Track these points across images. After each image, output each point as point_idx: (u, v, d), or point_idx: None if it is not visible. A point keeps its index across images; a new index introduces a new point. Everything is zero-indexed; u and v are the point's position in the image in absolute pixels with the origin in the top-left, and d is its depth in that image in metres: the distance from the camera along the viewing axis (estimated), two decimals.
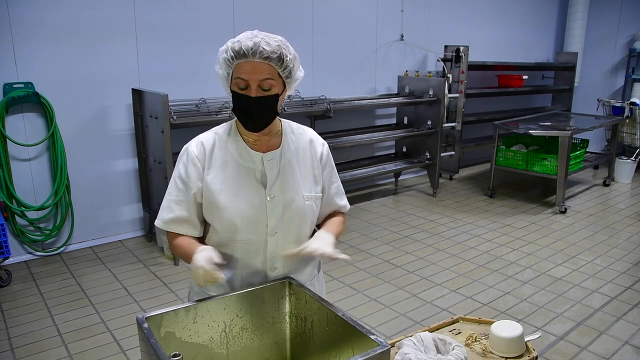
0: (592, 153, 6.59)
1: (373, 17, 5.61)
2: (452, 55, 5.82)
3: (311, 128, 1.64)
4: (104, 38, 3.90)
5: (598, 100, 6.98)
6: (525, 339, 1.53)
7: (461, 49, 5.77)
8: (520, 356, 1.49)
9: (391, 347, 1.23)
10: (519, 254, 4.12)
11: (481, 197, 5.66)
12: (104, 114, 4.03)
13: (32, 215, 3.82)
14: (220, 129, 1.52)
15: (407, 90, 5.67)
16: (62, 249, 4.00)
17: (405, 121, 5.78)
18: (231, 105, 1.43)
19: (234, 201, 1.44)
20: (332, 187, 1.61)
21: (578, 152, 5.68)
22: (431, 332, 1.50)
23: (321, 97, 4.73)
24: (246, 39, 1.35)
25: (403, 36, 5.89)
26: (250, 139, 1.48)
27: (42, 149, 3.81)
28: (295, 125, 1.59)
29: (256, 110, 1.39)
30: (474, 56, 6.16)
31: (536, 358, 1.51)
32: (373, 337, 1.17)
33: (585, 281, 3.65)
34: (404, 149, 5.85)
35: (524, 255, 4.11)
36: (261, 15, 4.68)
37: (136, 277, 3.60)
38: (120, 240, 4.24)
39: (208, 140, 1.49)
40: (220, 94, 3.97)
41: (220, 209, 1.44)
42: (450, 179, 6.43)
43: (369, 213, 5.08)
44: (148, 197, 4.20)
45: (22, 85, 3.60)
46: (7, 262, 3.68)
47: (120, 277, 3.59)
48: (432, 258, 4.03)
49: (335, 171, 1.63)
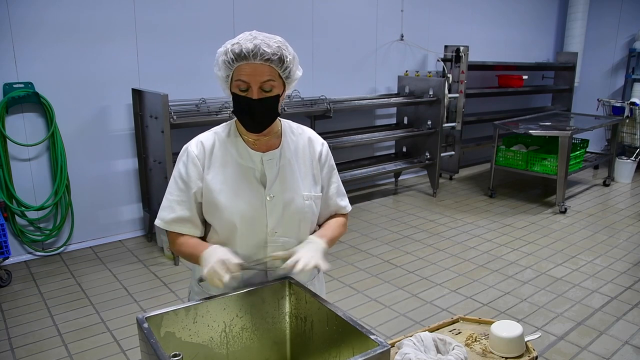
0: (592, 153, 6.59)
1: (373, 17, 5.61)
2: (452, 55, 5.82)
3: (311, 128, 1.63)
4: (104, 38, 3.90)
5: (598, 100, 6.98)
6: (525, 339, 1.53)
7: (461, 49, 5.77)
8: (520, 356, 1.49)
9: (391, 347, 1.23)
10: (519, 254, 4.12)
11: (481, 197, 5.66)
12: (104, 114, 4.03)
13: (32, 215, 3.83)
14: (220, 129, 1.52)
15: (407, 90, 5.67)
16: (62, 249, 4.00)
17: (405, 121, 5.78)
18: (231, 105, 1.43)
19: (233, 201, 1.44)
20: (332, 187, 1.61)
21: (578, 152, 5.68)
22: (431, 332, 1.50)
23: (321, 97, 4.73)
24: (246, 41, 1.34)
25: (403, 36, 5.89)
26: (250, 139, 1.48)
27: (42, 149, 3.81)
28: (295, 125, 1.59)
29: (258, 111, 1.39)
30: (474, 56, 6.16)
31: (536, 358, 1.50)
32: (373, 337, 1.17)
33: (585, 281, 3.65)
34: (404, 149, 5.85)
35: (524, 255, 4.11)
36: (261, 15, 4.68)
37: (136, 277, 3.60)
38: (120, 240, 4.24)
39: (208, 140, 1.49)
40: (220, 94, 3.97)
41: (220, 209, 1.44)
42: (450, 179, 6.43)
43: (369, 213, 5.08)
44: (148, 197, 4.20)
45: (22, 85, 3.60)
46: (7, 262, 3.68)
47: (120, 277, 3.59)
48: (432, 258, 4.03)
49: (336, 171, 1.63)
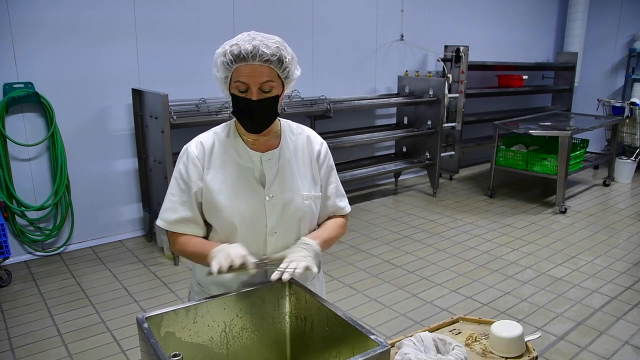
0: (592, 153, 6.59)
1: (373, 17, 5.61)
2: (452, 55, 5.82)
3: (311, 128, 1.63)
4: (104, 38, 3.90)
5: (598, 100, 6.98)
6: (525, 339, 1.53)
7: (461, 49, 5.77)
8: (520, 356, 1.49)
9: (391, 347, 1.23)
10: (519, 254, 4.12)
11: (481, 197, 5.66)
12: (104, 114, 4.03)
13: (32, 215, 3.82)
14: (219, 129, 1.52)
15: (407, 90, 5.67)
16: (62, 249, 4.00)
17: (405, 121, 5.78)
18: (231, 105, 1.43)
19: (232, 201, 1.44)
20: (330, 187, 1.60)
21: (578, 152, 5.68)
22: (431, 332, 1.50)
23: (321, 97, 4.73)
24: (244, 42, 1.34)
25: (403, 36, 5.89)
26: (250, 139, 1.48)
27: (42, 149, 3.81)
28: (294, 125, 1.58)
29: (258, 112, 1.39)
30: (474, 56, 6.16)
31: (536, 358, 1.50)
32: (373, 337, 1.17)
33: (585, 281, 3.65)
34: (404, 149, 5.85)
35: (524, 255, 4.11)
36: (261, 15, 4.68)
37: (136, 277, 3.60)
38: (120, 240, 4.24)
39: (207, 140, 1.49)
40: (220, 94, 3.92)
41: (220, 209, 1.44)
42: (450, 179, 6.43)
43: (369, 213, 5.08)
44: (148, 197, 4.20)
45: (22, 85, 3.60)
46: (7, 262, 3.68)
47: (120, 277, 3.59)
48: (432, 258, 4.03)
49: (335, 172, 1.62)
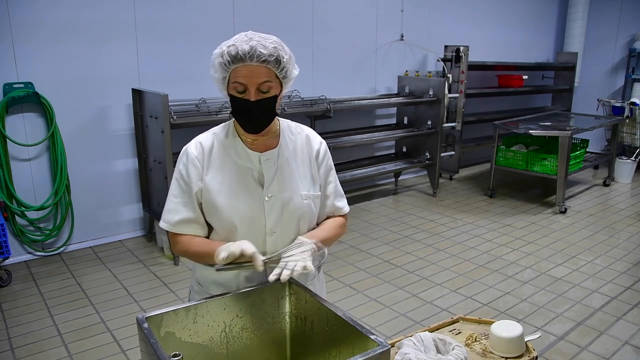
0: (592, 153, 6.59)
1: (373, 17, 5.61)
2: (452, 55, 5.82)
3: (311, 128, 1.63)
4: (104, 38, 3.90)
5: (598, 100, 6.98)
6: (525, 339, 1.53)
7: (461, 49, 5.77)
8: (520, 356, 1.48)
9: (391, 347, 1.23)
10: (519, 254, 4.12)
11: (481, 197, 5.66)
12: (104, 114, 4.03)
13: (32, 215, 3.82)
14: (218, 130, 1.52)
15: (407, 90, 5.67)
16: (62, 249, 4.00)
17: (405, 121, 5.78)
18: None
19: (231, 201, 1.44)
20: (329, 187, 1.60)
21: (578, 152, 5.68)
22: (431, 332, 1.50)
23: (321, 97, 4.73)
24: (242, 42, 1.33)
25: (403, 36, 5.89)
26: (249, 139, 1.48)
27: (42, 149, 3.81)
28: (293, 124, 1.58)
29: (256, 113, 1.39)
30: (474, 56, 6.16)
31: (536, 358, 1.50)
32: (373, 337, 1.17)
33: (585, 281, 3.65)
34: (404, 149, 5.85)
35: (524, 255, 4.11)
36: (261, 15, 4.68)
37: (136, 277, 3.60)
38: (120, 240, 4.24)
39: (207, 140, 1.49)
40: (220, 94, 3.95)
41: (219, 209, 1.44)
42: (450, 179, 6.43)
43: (369, 213, 5.08)
44: (148, 197, 4.20)
45: (22, 85, 3.60)
46: (7, 262, 3.68)
47: (120, 277, 3.59)
48: (432, 258, 4.03)
49: (334, 171, 1.62)
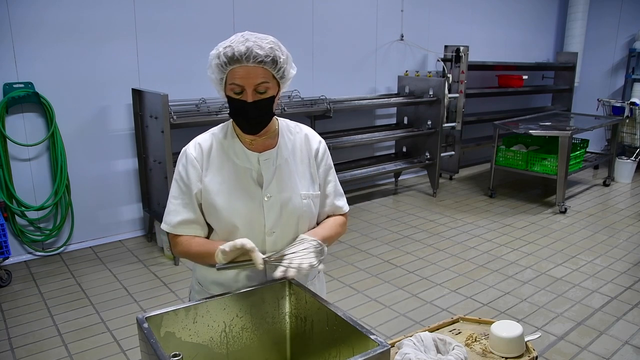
0: (592, 153, 6.59)
1: (373, 17, 5.61)
2: (452, 55, 5.82)
3: (310, 127, 1.63)
4: (104, 38, 3.90)
5: (598, 100, 6.98)
6: (525, 339, 1.53)
7: (461, 49, 5.77)
8: (520, 356, 1.48)
9: (391, 347, 1.23)
10: (519, 254, 4.12)
11: (481, 197, 5.66)
12: (104, 114, 4.03)
13: (32, 215, 3.82)
14: (217, 130, 1.52)
15: (407, 90, 5.67)
16: (62, 249, 4.00)
17: (405, 121, 5.78)
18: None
19: (231, 202, 1.44)
20: (328, 186, 1.60)
21: (578, 152, 5.68)
22: (431, 332, 1.50)
23: (321, 97, 4.73)
24: (238, 43, 1.33)
25: (403, 36, 5.89)
26: (247, 140, 1.48)
27: (42, 149, 3.81)
28: (292, 124, 1.58)
29: (253, 114, 1.38)
30: (474, 56, 6.16)
31: (536, 358, 1.50)
32: (373, 337, 1.17)
33: (585, 281, 3.65)
34: (404, 149, 5.85)
35: (524, 255, 4.11)
36: (261, 15, 4.68)
37: (136, 277, 3.60)
38: (120, 240, 4.24)
39: (205, 141, 1.49)
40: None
41: (218, 210, 1.45)
42: (450, 179, 6.43)
43: (369, 213, 5.08)
44: (148, 197, 4.20)
45: (22, 85, 3.60)
46: (7, 262, 3.68)
47: (120, 277, 3.59)
48: (432, 258, 4.03)
49: (333, 170, 1.62)
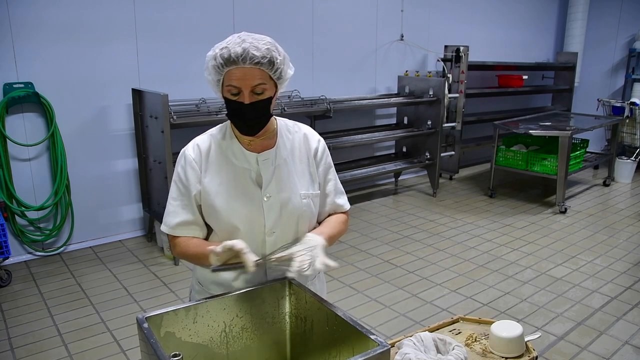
0: (592, 153, 6.59)
1: (373, 17, 5.61)
2: (452, 55, 5.82)
3: (309, 126, 1.62)
4: (104, 38, 3.90)
5: (598, 100, 6.98)
6: (525, 339, 1.53)
7: (461, 49, 5.77)
8: (520, 356, 1.49)
9: (391, 347, 1.23)
10: (519, 254, 4.12)
11: (481, 197, 5.66)
12: (104, 114, 4.03)
13: (32, 215, 3.82)
14: (215, 131, 1.52)
15: (407, 90, 5.67)
16: (62, 249, 4.00)
17: (405, 121, 5.78)
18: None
19: (230, 203, 1.44)
20: (328, 185, 1.60)
21: (578, 152, 5.68)
22: (431, 332, 1.50)
23: (321, 97, 4.73)
24: (234, 45, 1.32)
25: (403, 36, 5.89)
26: (245, 140, 1.47)
27: (42, 149, 3.81)
28: (291, 123, 1.58)
29: (251, 115, 1.38)
30: (474, 56, 6.16)
31: (536, 358, 1.50)
32: (373, 337, 1.17)
33: (585, 281, 3.65)
34: (404, 149, 5.85)
35: (524, 255, 4.11)
36: (261, 16, 4.68)
37: (136, 277, 3.60)
38: (120, 240, 4.24)
39: (204, 142, 1.49)
40: None
41: (217, 211, 1.45)
42: (450, 179, 6.43)
43: (369, 213, 5.08)
44: (148, 197, 4.20)
45: (22, 85, 3.60)
46: (7, 262, 3.68)
47: (120, 277, 3.59)
48: (432, 258, 4.03)
49: (333, 169, 1.62)
